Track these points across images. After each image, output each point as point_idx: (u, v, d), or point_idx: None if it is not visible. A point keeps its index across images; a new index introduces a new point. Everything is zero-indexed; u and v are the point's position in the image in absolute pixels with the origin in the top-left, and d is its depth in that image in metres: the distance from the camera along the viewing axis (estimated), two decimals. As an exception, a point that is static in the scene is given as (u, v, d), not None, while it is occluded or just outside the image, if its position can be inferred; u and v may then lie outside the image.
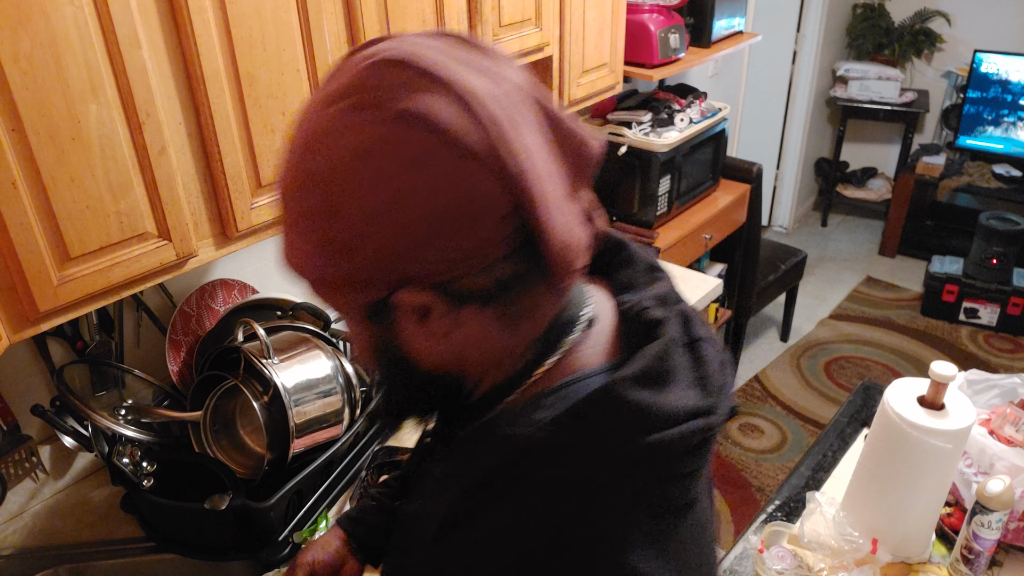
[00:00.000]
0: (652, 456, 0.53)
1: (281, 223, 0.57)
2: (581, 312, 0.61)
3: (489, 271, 0.54)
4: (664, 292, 0.65)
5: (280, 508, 1.27)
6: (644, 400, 0.54)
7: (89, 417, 1.28)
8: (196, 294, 1.50)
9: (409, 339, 0.58)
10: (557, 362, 0.59)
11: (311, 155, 0.53)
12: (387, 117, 0.50)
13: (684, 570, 0.57)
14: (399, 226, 0.50)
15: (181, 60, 1.08)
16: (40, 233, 0.96)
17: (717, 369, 0.60)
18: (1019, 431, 1.28)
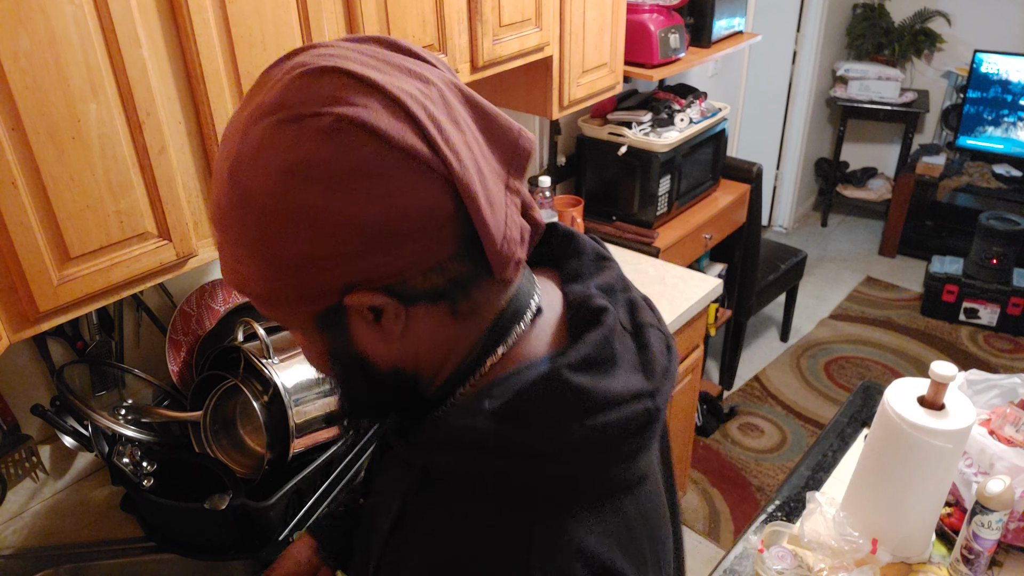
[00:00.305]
0: (594, 438, 0.55)
1: (219, 244, 0.57)
2: (529, 303, 0.62)
3: (438, 270, 0.54)
4: (610, 281, 0.67)
5: (280, 508, 1.27)
6: (585, 384, 0.55)
7: (89, 417, 1.28)
8: (196, 294, 1.50)
9: (363, 341, 0.58)
10: (506, 352, 0.61)
11: (243, 176, 0.51)
12: (322, 127, 0.49)
13: (632, 546, 0.58)
14: (346, 235, 0.50)
15: (181, 59, 1.08)
16: (40, 233, 0.96)
17: (660, 354, 0.62)
18: (1019, 431, 1.28)
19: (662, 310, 2.03)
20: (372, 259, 0.51)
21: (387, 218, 0.50)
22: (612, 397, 0.56)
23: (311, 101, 0.50)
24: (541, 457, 0.55)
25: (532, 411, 0.55)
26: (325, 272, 0.52)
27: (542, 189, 2.25)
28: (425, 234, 0.51)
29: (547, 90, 1.91)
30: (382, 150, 0.49)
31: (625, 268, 2.39)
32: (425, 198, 0.51)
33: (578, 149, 2.56)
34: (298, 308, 0.55)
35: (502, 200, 0.56)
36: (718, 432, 3.02)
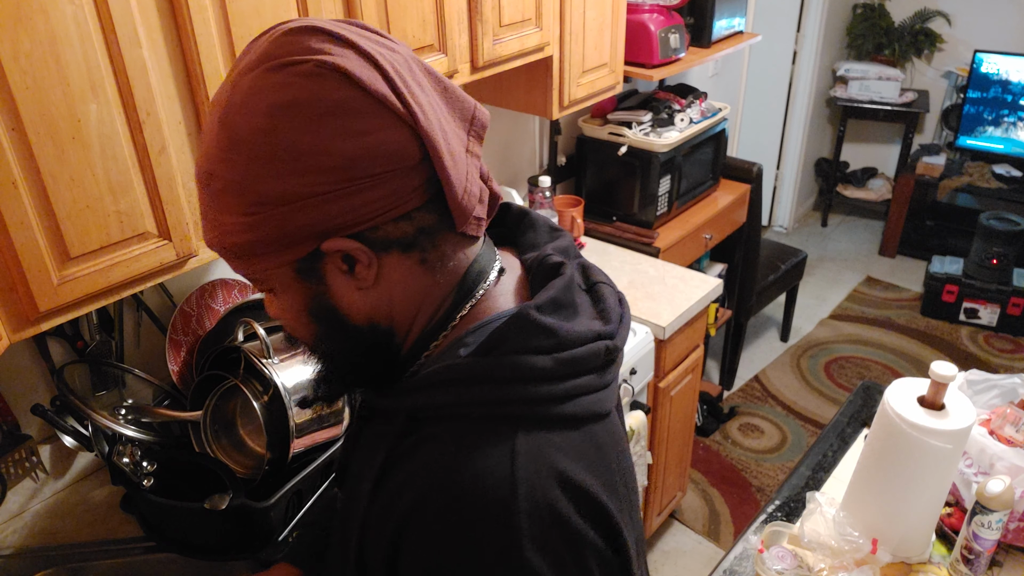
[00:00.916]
0: (564, 370, 0.61)
1: (202, 207, 0.61)
2: (492, 264, 0.68)
3: (407, 220, 0.59)
4: (565, 245, 0.73)
5: (280, 508, 1.27)
6: (553, 324, 0.61)
7: (89, 417, 1.28)
8: (196, 294, 1.50)
9: (340, 292, 0.62)
10: (474, 308, 0.66)
11: (234, 119, 0.56)
12: (305, 71, 0.55)
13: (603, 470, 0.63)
14: (325, 172, 0.55)
15: (181, 59, 1.08)
16: (40, 233, 0.96)
17: (614, 304, 0.69)
18: (1019, 431, 1.28)
19: (662, 310, 2.03)
20: (347, 201, 0.56)
21: (361, 156, 0.55)
22: (577, 336, 0.62)
23: (294, 52, 0.56)
24: (518, 382, 0.59)
25: (505, 344, 0.60)
26: (305, 213, 0.56)
27: (542, 189, 2.25)
28: (395, 177, 0.57)
29: (547, 90, 1.91)
30: (357, 93, 0.55)
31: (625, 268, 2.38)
32: (395, 142, 0.56)
33: (578, 149, 2.56)
34: (279, 256, 0.59)
35: (463, 158, 0.61)
36: (718, 432, 3.01)
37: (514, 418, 0.59)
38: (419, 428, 0.62)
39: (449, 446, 0.59)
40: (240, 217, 0.57)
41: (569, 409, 0.61)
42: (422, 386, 0.62)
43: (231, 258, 0.61)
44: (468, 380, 0.60)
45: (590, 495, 0.60)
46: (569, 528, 0.58)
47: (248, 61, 0.57)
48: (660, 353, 2.06)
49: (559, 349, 0.61)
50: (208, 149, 0.58)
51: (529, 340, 0.60)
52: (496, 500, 0.56)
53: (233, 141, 0.56)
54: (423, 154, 0.57)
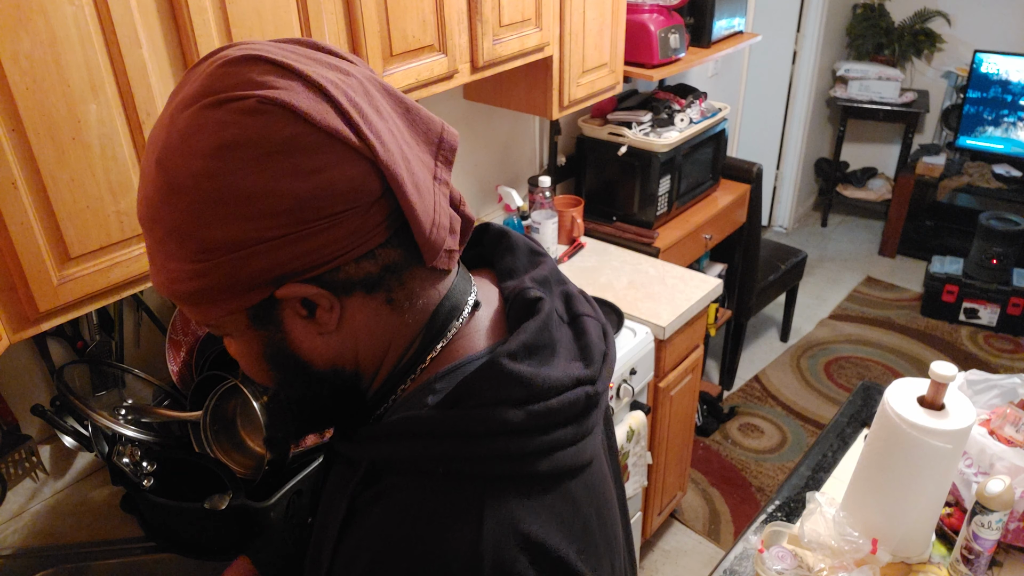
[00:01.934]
0: (537, 423, 0.55)
1: (148, 251, 0.56)
2: (466, 299, 0.63)
3: (371, 258, 0.55)
4: (545, 274, 0.68)
5: (280, 508, 1.26)
6: (525, 372, 0.56)
7: (89, 417, 1.28)
8: (196, 294, 1.50)
9: (299, 338, 0.58)
10: (446, 348, 0.61)
11: (172, 162, 0.51)
12: (246, 108, 0.50)
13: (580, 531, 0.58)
14: (274, 215, 0.50)
15: (181, 60, 1.08)
16: (40, 233, 0.96)
17: (598, 340, 0.64)
18: (1019, 431, 1.28)
19: (662, 310, 2.03)
20: (302, 244, 0.52)
21: (314, 196, 0.50)
22: (553, 384, 0.57)
23: (234, 86, 0.51)
24: (485, 437, 0.54)
25: (473, 397, 0.55)
26: (256, 259, 0.52)
27: (542, 189, 2.25)
28: (355, 215, 0.52)
29: (547, 90, 1.91)
30: (306, 129, 0.50)
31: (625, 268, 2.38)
32: (352, 178, 0.51)
33: (578, 149, 2.56)
34: (231, 304, 0.54)
35: (430, 188, 0.57)
36: (718, 432, 3.02)
37: (481, 478, 0.54)
38: (380, 479, 0.58)
39: (409, 508, 0.55)
40: (187, 264, 0.53)
41: (543, 466, 0.56)
42: (384, 436, 0.57)
43: (181, 304, 0.56)
44: (432, 434, 0.55)
45: (556, 560, 0.55)
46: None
47: (184, 96, 0.53)
48: (660, 353, 2.06)
49: (533, 401, 0.55)
50: (147, 193, 0.53)
51: (500, 391, 0.55)
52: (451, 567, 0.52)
53: (172, 185, 0.51)
54: (384, 187, 0.53)
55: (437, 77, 1.51)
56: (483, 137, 2.25)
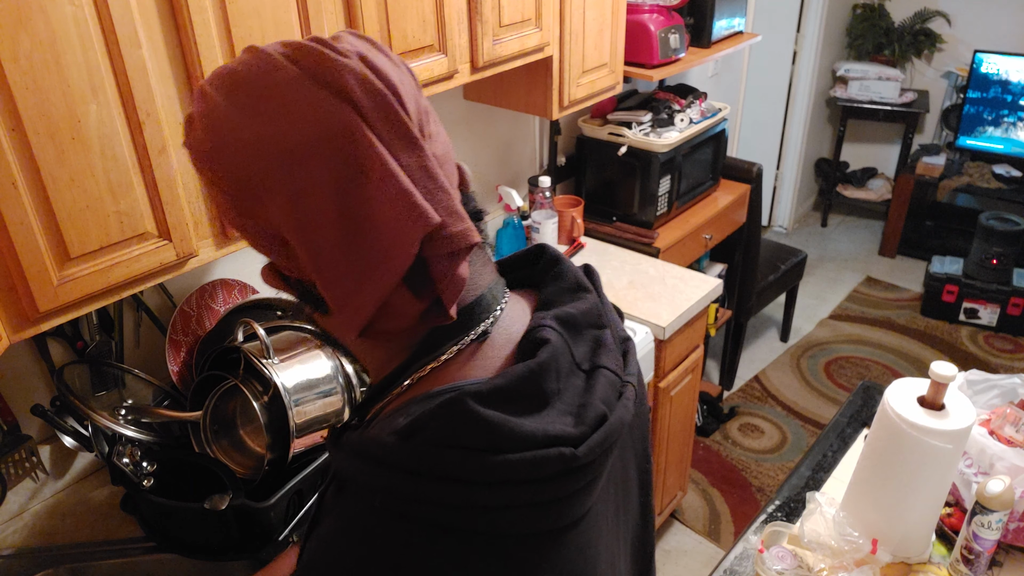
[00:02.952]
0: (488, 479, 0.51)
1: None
2: (476, 326, 0.59)
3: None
4: (575, 314, 0.62)
5: (280, 508, 1.27)
6: (494, 418, 0.51)
7: (89, 417, 1.28)
8: (196, 294, 1.50)
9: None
10: (438, 371, 0.59)
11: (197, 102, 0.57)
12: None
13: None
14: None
15: (181, 60, 1.08)
16: (40, 233, 0.96)
17: (602, 401, 0.57)
18: (1019, 431, 1.28)
19: (662, 310, 2.03)
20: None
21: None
22: (519, 436, 0.51)
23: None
24: (428, 479, 0.51)
25: (428, 433, 0.52)
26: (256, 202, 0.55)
27: (542, 189, 2.25)
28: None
29: (547, 90, 1.91)
30: (293, 81, 0.53)
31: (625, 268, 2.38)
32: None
33: (578, 149, 2.56)
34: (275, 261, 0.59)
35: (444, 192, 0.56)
36: (718, 432, 3.01)
37: (414, 520, 0.52)
38: (341, 489, 0.58)
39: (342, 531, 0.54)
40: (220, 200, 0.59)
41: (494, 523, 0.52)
42: (345, 451, 0.56)
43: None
44: (380, 462, 0.52)
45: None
46: None
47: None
48: (660, 353, 2.06)
49: (492, 451, 0.51)
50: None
51: (458, 432, 0.51)
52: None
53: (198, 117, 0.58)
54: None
55: (437, 77, 1.51)
56: (483, 137, 2.26)
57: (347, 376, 1.38)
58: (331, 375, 1.35)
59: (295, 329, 1.46)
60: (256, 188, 0.54)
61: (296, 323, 1.49)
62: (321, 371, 1.34)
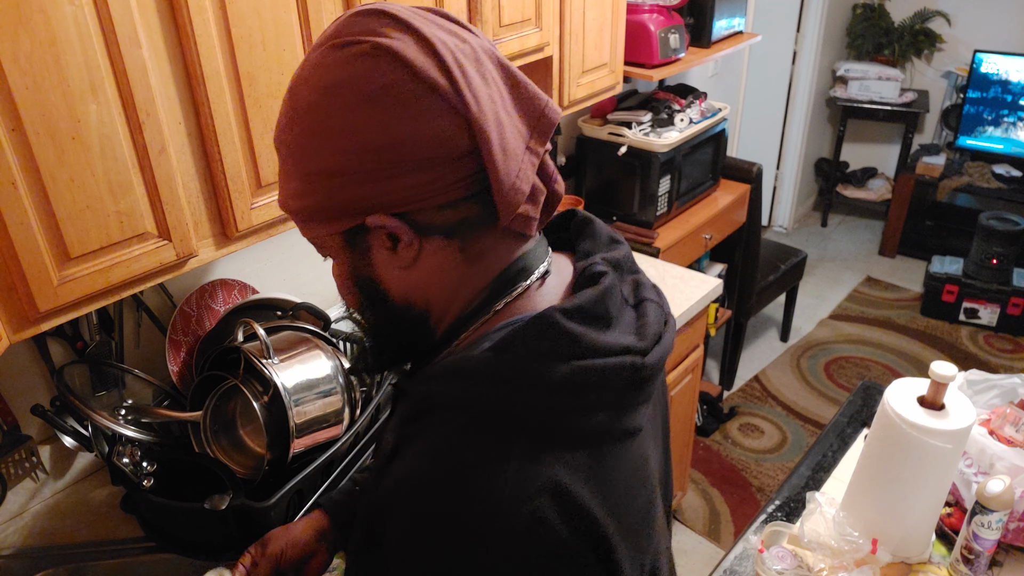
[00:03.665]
0: (579, 380, 0.58)
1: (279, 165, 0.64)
2: (538, 266, 0.67)
3: (452, 208, 0.60)
4: (618, 258, 0.71)
5: (280, 508, 1.26)
6: (577, 330, 0.59)
7: (89, 417, 1.28)
8: (196, 294, 1.50)
9: (381, 267, 0.64)
10: (509, 304, 0.65)
11: (297, 92, 0.60)
12: (360, 51, 0.57)
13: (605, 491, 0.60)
14: (368, 152, 0.57)
15: (181, 60, 1.08)
16: (40, 233, 0.96)
17: (655, 322, 0.66)
18: (1019, 431, 1.28)
19: (662, 310, 2.02)
20: (388, 183, 0.58)
21: (404, 140, 0.56)
22: (600, 346, 0.59)
23: (356, 32, 0.58)
24: (526, 385, 0.57)
25: (522, 345, 0.58)
26: (348, 188, 0.59)
27: (542, 189, 2.25)
28: (440, 164, 0.58)
29: (547, 90, 1.91)
30: (407, 78, 0.56)
31: (625, 268, 2.34)
32: (442, 128, 0.57)
33: (578, 149, 2.56)
34: (329, 225, 0.62)
35: (519, 154, 0.61)
36: (718, 432, 3.02)
37: (518, 421, 0.57)
38: (428, 415, 0.62)
39: (443, 443, 0.58)
40: (297, 183, 0.61)
41: (579, 423, 0.58)
42: (437, 375, 0.62)
43: (295, 221, 0.65)
44: (478, 375, 0.59)
45: (581, 509, 0.57)
46: (548, 538, 0.56)
47: (320, 38, 0.61)
48: (660, 353, 2.05)
49: (578, 357, 0.58)
50: (280, 116, 0.62)
51: (547, 343, 0.58)
52: (476, 508, 0.55)
53: (295, 112, 0.60)
54: (473, 145, 0.58)
55: (437, 77, 1.50)
56: (483, 137, 2.25)
57: (347, 376, 1.39)
58: (331, 375, 1.35)
59: (295, 329, 1.46)
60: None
61: (296, 323, 1.50)
62: (321, 371, 1.34)
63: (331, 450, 1.35)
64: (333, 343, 1.46)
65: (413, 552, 0.57)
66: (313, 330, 1.47)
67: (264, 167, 1.21)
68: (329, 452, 1.34)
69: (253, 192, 1.20)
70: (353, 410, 1.39)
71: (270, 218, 1.24)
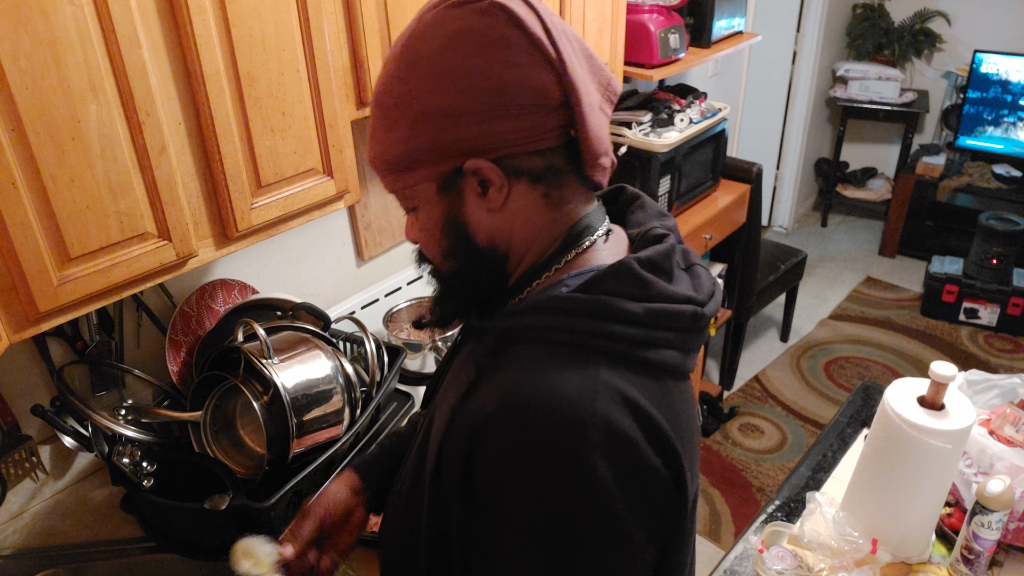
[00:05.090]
0: (652, 320, 0.66)
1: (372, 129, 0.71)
2: (601, 225, 0.74)
3: (540, 156, 0.67)
4: (671, 224, 0.79)
5: (280, 508, 1.27)
6: (650, 278, 0.67)
7: (89, 417, 1.28)
8: (196, 294, 1.50)
9: (471, 210, 0.70)
10: (580, 255, 0.72)
11: (412, 48, 0.67)
12: (479, 8, 0.65)
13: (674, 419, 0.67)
14: (481, 93, 0.64)
15: (181, 60, 1.08)
16: (40, 233, 0.96)
17: (707, 281, 0.74)
18: (1019, 431, 1.28)
19: (662, 310, 2.03)
20: (494, 124, 0.65)
21: (512, 85, 0.64)
22: (669, 293, 0.68)
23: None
24: (608, 320, 0.65)
25: (602, 285, 0.67)
26: (459, 128, 0.65)
27: (542, 189, 2.25)
28: (537, 112, 0.65)
29: (547, 90, 1.91)
30: (518, 32, 0.65)
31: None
32: (542, 80, 0.65)
33: (578, 149, 2.56)
34: (430, 168, 0.68)
35: (598, 112, 0.69)
36: (718, 433, 3.02)
37: (600, 351, 0.65)
38: (508, 347, 0.68)
39: (535, 364, 0.65)
40: (403, 131, 0.67)
41: (651, 356, 0.66)
42: (519, 311, 0.68)
43: (388, 172, 0.70)
44: (563, 310, 0.66)
45: (661, 432, 0.65)
46: (638, 453, 0.63)
47: (430, 4, 0.69)
48: (660, 353, 2.05)
49: (650, 300, 0.66)
50: (387, 74, 0.69)
51: (625, 286, 0.66)
52: (572, 415, 0.61)
53: (411, 62, 0.66)
54: (563, 99, 0.66)
55: (437, 77, 1.50)
56: (483, 137, 2.25)
57: (347, 376, 1.39)
58: (331, 375, 1.35)
59: (295, 329, 1.46)
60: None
61: (296, 323, 1.50)
62: (321, 371, 1.34)
63: (331, 450, 1.35)
64: (333, 343, 1.46)
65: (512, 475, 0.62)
66: (313, 330, 1.47)
67: (264, 167, 1.21)
68: (329, 452, 1.34)
69: (253, 192, 1.20)
70: (353, 410, 1.39)
71: (270, 218, 1.24)
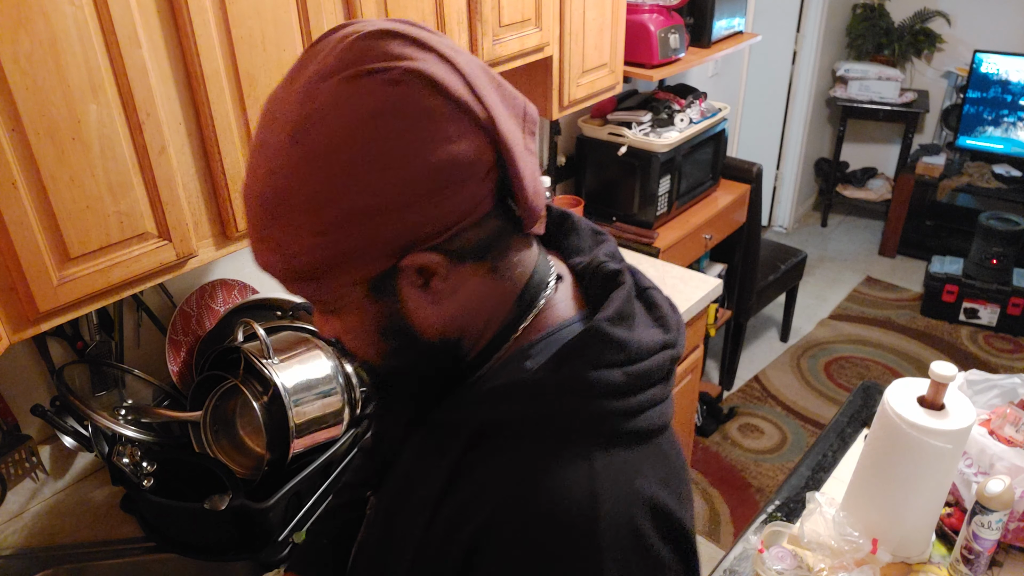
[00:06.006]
0: (634, 384, 0.60)
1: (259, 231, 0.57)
2: (549, 271, 0.67)
3: (480, 226, 0.57)
4: (612, 250, 0.72)
5: (279, 508, 1.27)
6: (624, 336, 0.60)
7: (89, 417, 1.28)
8: (196, 294, 1.50)
9: (413, 308, 0.59)
10: (536, 317, 0.65)
11: (312, 134, 0.53)
12: (391, 78, 0.53)
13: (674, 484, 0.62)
14: (411, 180, 0.53)
15: (181, 60, 1.08)
16: (40, 233, 0.96)
17: (669, 310, 0.68)
18: (1019, 431, 1.28)
19: (662, 310, 2.03)
20: (430, 210, 0.54)
21: (446, 163, 0.53)
22: (645, 348, 0.61)
23: (377, 58, 0.53)
24: (592, 397, 0.58)
25: (579, 358, 0.59)
26: (389, 225, 0.53)
27: (542, 189, 2.25)
28: (472, 183, 0.55)
29: (547, 90, 1.91)
30: (442, 100, 0.53)
31: (625, 268, 2.34)
32: (475, 146, 0.55)
33: (578, 149, 2.56)
34: (355, 273, 0.56)
35: (526, 153, 0.60)
36: (718, 433, 3.01)
37: (588, 434, 0.58)
38: (485, 442, 0.60)
39: (522, 463, 0.58)
40: (314, 237, 0.54)
41: (640, 423, 0.60)
42: (490, 399, 0.61)
43: (294, 280, 0.58)
44: (541, 395, 0.59)
45: (670, 515, 0.60)
46: (650, 552, 0.58)
47: (318, 71, 0.54)
48: (660, 353, 2.05)
49: (629, 363, 0.60)
50: (272, 169, 0.54)
51: (601, 355, 0.59)
52: (577, 520, 0.55)
53: (311, 157, 0.52)
54: (496, 158, 0.56)
55: (437, 77, 1.50)
56: (483, 137, 2.25)
57: (347, 376, 1.39)
58: (331, 375, 1.35)
59: (295, 329, 1.46)
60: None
61: (296, 323, 1.50)
62: (321, 371, 1.34)
63: (330, 451, 1.35)
64: (333, 343, 1.46)
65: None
66: (313, 330, 1.47)
67: (264, 167, 1.20)
68: (328, 453, 1.35)
69: (253, 192, 1.20)
70: (353, 410, 1.39)
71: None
